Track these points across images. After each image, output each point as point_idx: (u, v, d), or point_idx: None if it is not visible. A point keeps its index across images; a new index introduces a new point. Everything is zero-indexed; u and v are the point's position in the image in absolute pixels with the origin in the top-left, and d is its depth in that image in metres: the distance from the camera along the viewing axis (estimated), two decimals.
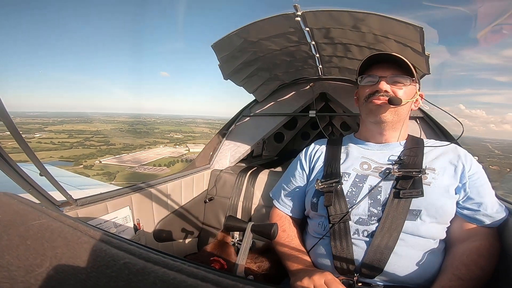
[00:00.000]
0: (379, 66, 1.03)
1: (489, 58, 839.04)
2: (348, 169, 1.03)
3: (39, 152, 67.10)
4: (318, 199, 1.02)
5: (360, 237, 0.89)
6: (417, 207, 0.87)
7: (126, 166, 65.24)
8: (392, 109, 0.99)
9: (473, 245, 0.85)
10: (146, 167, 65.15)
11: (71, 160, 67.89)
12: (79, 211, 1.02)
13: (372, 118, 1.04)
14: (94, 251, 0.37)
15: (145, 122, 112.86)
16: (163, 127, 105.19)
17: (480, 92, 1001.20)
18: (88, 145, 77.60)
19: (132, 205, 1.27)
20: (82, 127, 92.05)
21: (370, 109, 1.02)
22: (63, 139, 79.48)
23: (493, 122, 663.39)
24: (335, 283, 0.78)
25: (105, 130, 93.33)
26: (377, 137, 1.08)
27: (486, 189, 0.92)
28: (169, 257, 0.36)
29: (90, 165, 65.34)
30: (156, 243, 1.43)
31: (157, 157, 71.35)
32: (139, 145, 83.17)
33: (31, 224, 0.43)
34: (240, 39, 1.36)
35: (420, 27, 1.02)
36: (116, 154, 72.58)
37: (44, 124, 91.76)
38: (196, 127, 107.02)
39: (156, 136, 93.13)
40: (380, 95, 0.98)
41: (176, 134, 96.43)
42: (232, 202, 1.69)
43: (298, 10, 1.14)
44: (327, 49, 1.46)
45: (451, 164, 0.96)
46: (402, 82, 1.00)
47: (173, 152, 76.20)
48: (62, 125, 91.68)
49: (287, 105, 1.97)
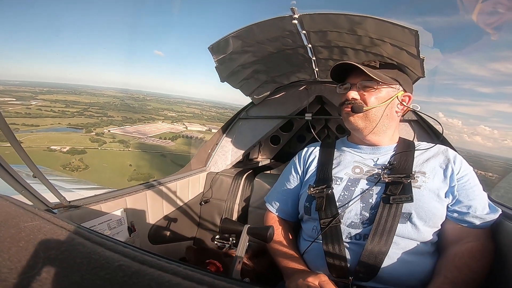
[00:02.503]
0: (353, 73, 1.05)
1: (477, 69, 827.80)
2: (340, 173, 1.04)
3: (45, 119, 67.10)
4: (311, 204, 1.02)
5: (353, 241, 0.89)
6: (407, 210, 0.88)
7: (133, 136, 66.16)
8: (360, 115, 1.01)
9: (465, 247, 0.86)
10: (153, 139, 66.39)
11: (80, 127, 67.54)
12: (72, 213, 1.01)
13: (347, 125, 1.07)
14: (88, 253, 0.37)
15: (135, 98, 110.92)
16: (154, 104, 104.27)
17: (460, 102, 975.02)
18: (88, 115, 76.90)
19: (126, 207, 1.25)
20: (74, 98, 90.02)
21: (343, 117, 1.06)
22: (61, 108, 78.18)
23: (466, 133, 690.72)
24: (329, 285, 0.78)
25: (98, 103, 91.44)
26: (365, 141, 1.09)
27: (476, 191, 0.93)
28: (164, 260, 0.36)
29: (101, 132, 65.51)
30: (151, 245, 1.41)
31: (159, 131, 72.69)
32: (137, 119, 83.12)
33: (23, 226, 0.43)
34: (237, 41, 1.36)
35: (415, 30, 1.03)
36: (120, 126, 72.89)
37: (34, 93, 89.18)
38: (187, 108, 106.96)
39: (150, 113, 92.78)
40: (348, 103, 1.02)
41: (169, 112, 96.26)
42: (228, 204, 1.68)
43: (295, 13, 1.14)
44: (324, 52, 1.47)
45: (441, 167, 0.97)
46: (371, 87, 1.01)
47: (172, 128, 77.56)
48: (52, 95, 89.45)
49: (283, 108, 1.98)
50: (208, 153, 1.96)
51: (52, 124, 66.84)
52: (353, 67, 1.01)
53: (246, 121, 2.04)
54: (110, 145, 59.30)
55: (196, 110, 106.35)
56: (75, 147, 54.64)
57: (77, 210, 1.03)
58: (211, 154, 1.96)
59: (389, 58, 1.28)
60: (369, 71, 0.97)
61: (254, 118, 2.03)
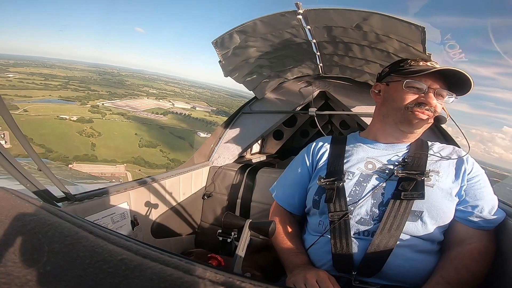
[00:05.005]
0: (429, 75, 0.95)
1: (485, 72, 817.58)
2: (352, 168, 1.02)
3: (31, 91, 66.41)
4: (320, 197, 1.01)
5: (360, 237, 0.89)
6: (419, 208, 0.87)
7: (127, 110, 66.87)
8: (429, 123, 0.97)
9: (467, 248, 0.86)
10: (146, 113, 67.50)
11: (72, 100, 67.21)
12: (76, 206, 1.02)
13: (405, 127, 0.99)
14: (92, 247, 0.37)
15: (111, 73, 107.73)
16: (132, 80, 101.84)
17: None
18: (73, 89, 74.93)
19: (130, 201, 1.26)
20: (49, 71, 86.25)
21: (409, 119, 0.96)
22: (41, 81, 75.50)
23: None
24: (327, 281, 0.79)
25: (76, 77, 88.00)
26: (388, 139, 1.05)
27: (484, 192, 0.92)
28: (167, 254, 0.36)
29: (96, 105, 65.78)
30: (153, 239, 1.43)
31: (147, 107, 73.27)
32: (122, 94, 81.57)
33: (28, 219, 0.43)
34: (241, 36, 1.35)
35: (422, 26, 1.02)
36: (110, 100, 72.59)
37: (2, 65, 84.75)
38: (166, 86, 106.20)
39: (132, 88, 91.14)
40: (426, 109, 0.93)
41: (150, 89, 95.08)
42: (230, 199, 1.69)
43: (299, 8, 1.13)
44: (328, 47, 1.46)
45: (454, 167, 0.96)
46: (444, 97, 0.97)
47: (159, 105, 77.96)
48: (24, 68, 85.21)
49: (287, 103, 1.97)
50: (211, 147, 1.96)
51: (43, 96, 66.40)
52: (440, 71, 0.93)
53: (249, 115, 2.04)
54: (112, 116, 60.67)
55: (176, 88, 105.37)
56: (83, 116, 55.91)
57: (82, 203, 1.04)
58: (214, 148, 1.96)
59: (395, 54, 1.26)
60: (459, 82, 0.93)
61: (257, 112, 2.02)
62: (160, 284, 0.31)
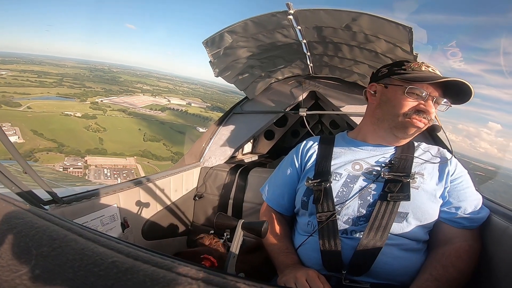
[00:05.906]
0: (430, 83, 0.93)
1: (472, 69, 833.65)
2: (339, 169, 1.03)
3: (27, 88, 66.32)
4: (308, 198, 1.02)
5: (348, 236, 0.90)
6: (405, 210, 0.89)
7: (126, 107, 67.51)
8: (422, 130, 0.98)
9: (452, 247, 0.88)
10: (144, 109, 68.24)
11: (71, 96, 67.04)
12: (64, 209, 1.00)
13: (400, 133, 0.99)
14: (81, 250, 0.37)
15: (102, 69, 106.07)
16: (125, 77, 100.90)
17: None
18: (68, 86, 74.50)
19: (119, 203, 1.24)
20: (39, 68, 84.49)
21: (406, 126, 0.96)
22: (34, 78, 74.66)
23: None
24: (316, 280, 0.80)
25: (68, 74, 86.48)
26: (378, 140, 1.06)
27: (468, 193, 0.95)
28: (158, 255, 0.36)
29: (96, 101, 65.94)
30: (144, 241, 1.41)
31: (145, 103, 73.90)
32: (117, 91, 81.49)
33: (14, 222, 0.42)
34: (232, 36, 1.35)
35: (409, 27, 1.04)
36: (107, 96, 72.71)
37: None
38: (159, 82, 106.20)
39: (126, 85, 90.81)
40: (423, 117, 0.93)
41: (144, 86, 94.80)
42: (222, 199, 1.68)
43: (290, 9, 1.14)
44: (318, 47, 1.47)
45: (438, 169, 0.99)
46: (439, 104, 0.99)
47: (155, 101, 78.41)
48: (13, 65, 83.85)
49: (277, 103, 1.98)
50: (202, 148, 1.95)
51: (42, 93, 66.09)
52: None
53: (241, 115, 2.03)
54: (113, 112, 61.32)
55: (169, 84, 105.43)
56: (87, 112, 56.82)
57: (69, 206, 1.02)
58: (205, 148, 1.94)
59: (383, 54, 1.28)
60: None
61: (249, 113, 2.02)
62: (153, 286, 0.31)
